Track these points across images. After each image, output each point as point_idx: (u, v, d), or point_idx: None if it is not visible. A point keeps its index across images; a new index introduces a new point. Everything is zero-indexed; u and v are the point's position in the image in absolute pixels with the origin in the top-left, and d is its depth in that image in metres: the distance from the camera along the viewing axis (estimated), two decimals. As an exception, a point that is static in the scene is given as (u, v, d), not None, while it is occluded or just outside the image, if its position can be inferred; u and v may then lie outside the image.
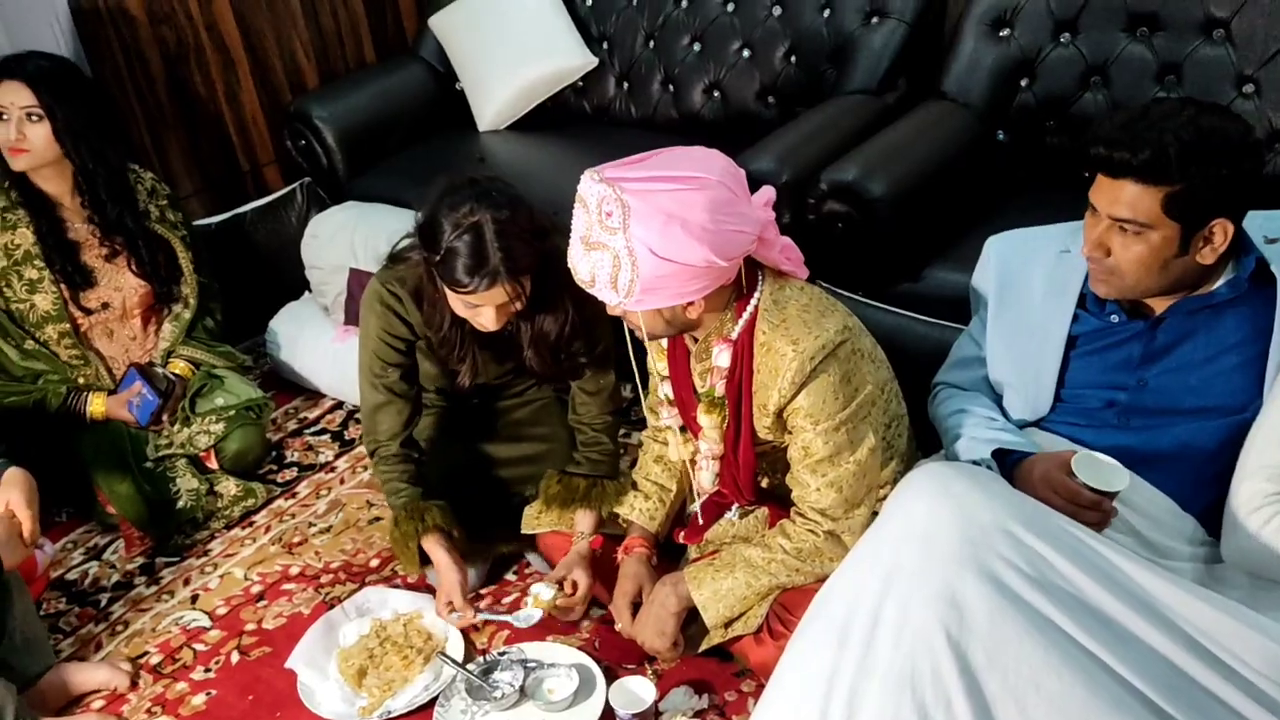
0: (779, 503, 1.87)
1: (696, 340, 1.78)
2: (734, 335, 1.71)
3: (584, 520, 2.07)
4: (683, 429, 1.90)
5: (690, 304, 1.64)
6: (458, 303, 1.87)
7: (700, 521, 1.95)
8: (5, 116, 2.33)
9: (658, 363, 1.89)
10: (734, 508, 1.92)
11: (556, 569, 2.04)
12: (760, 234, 1.64)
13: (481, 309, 1.85)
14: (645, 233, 1.52)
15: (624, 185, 1.54)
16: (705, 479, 1.87)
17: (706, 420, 1.77)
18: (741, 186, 1.62)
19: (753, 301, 1.70)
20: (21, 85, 2.33)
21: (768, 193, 1.71)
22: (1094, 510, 1.54)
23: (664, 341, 1.84)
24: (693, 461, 1.88)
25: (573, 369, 2.08)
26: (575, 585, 2.01)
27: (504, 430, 2.29)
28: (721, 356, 1.72)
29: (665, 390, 1.88)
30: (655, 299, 1.60)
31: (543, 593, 1.98)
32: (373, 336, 2.05)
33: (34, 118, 2.34)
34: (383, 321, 2.03)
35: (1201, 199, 1.51)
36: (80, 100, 2.40)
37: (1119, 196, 1.55)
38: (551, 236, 1.88)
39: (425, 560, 2.10)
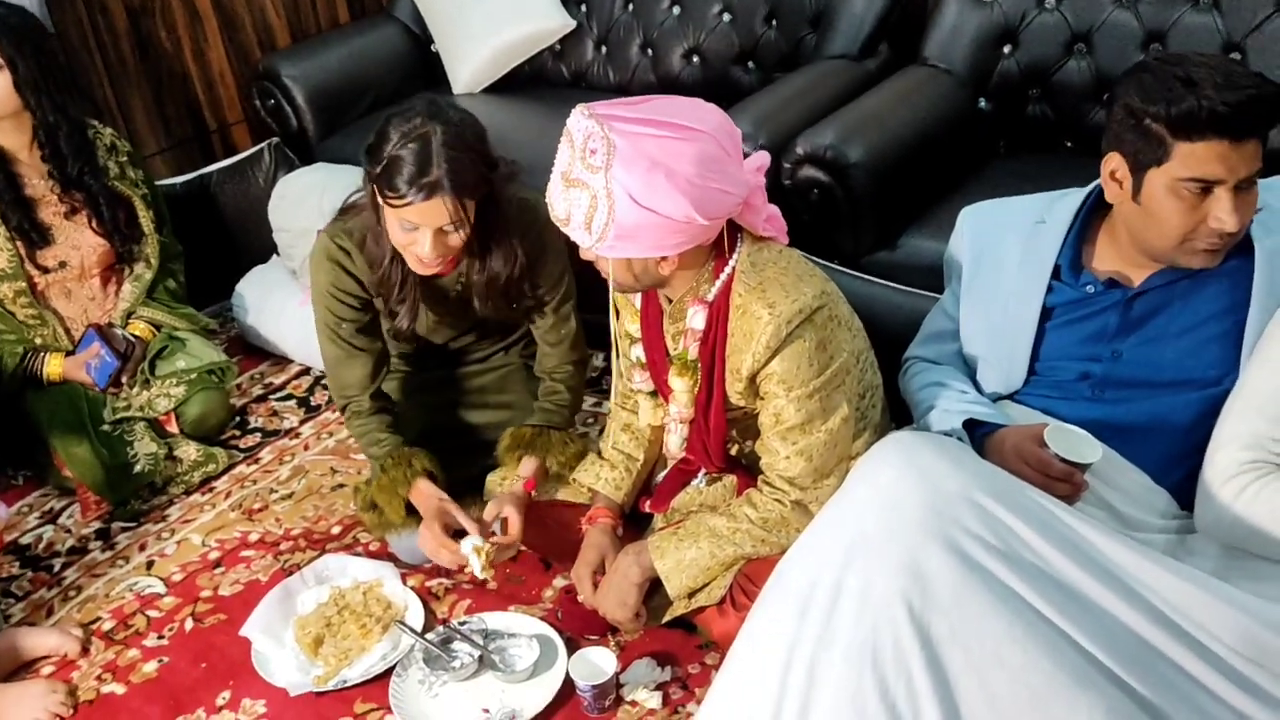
0: (747, 472, 1.83)
1: (670, 301, 1.73)
2: (710, 297, 1.66)
3: (525, 465, 2.03)
4: (653, 393, 1.86)
5: (664, 259, 1.60)
6: (395, 227, 1.81)
7: (666, 490, 1.91)
8: None
9: (629, 324, 1.84)
10: (701, 475, 1.88)
11: (488, 507, 1.98)
12: (748, 199, 1.60)
13: (419, 233, 1.78)
14: (627, 176, 1.47)
15: (613, 124, 1.49)
16: (673, 442, 1.82)
17: (678, 383, 1.73)
18: (735, 146, 1.57)
19: (730, 263, 1.65)
20: None
21: (761, 158, 1.67)
22: (1065, 482, 1.51)
23: (636, 302, 1.80)
24: (662, 426, 1.84)
25: (528, 309, 2.04)
26: (506, 524, 1.95)
27: (468, 398, 2.24)
28: (696, 318, 1.67)
29: (637, 353, 1.84)
30: (629, 248, 1.55)
31: (475, 542, 1.90)
32: (324, 293, 2.00)
33: None
34: (331, 278, 1.98)
35: None
36: (41, 51, 2.34)
37: (1244, 154, 1.47)
38: (500, 169, 1.84)
39: (410, 512, 2.03)
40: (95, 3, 2.95)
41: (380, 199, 1.79)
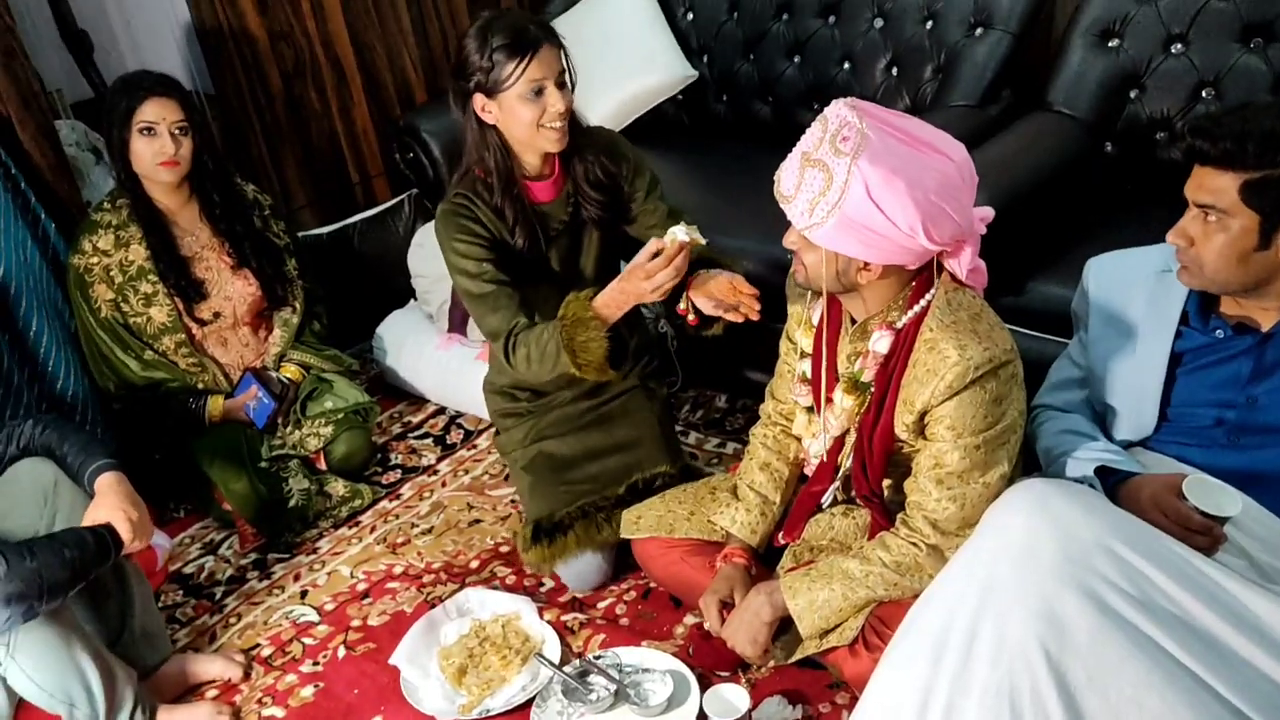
0: (883, 509, 1.84)
1: (854, 321, 1.78)
2: (899, 324, 1.70)
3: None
4: (810, 409, 1.89)
5: (866, 267, 1.64)
6: (520, 108, 1.98)
7: (798, 514, 1.94)
8: (156, 131, 2.45)
9: (802, 338, 1.88)
10: (829, 494, 1.90)
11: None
12: (966, 240, 1.65)
13: (546, 92, 1.97)
14: (871, 169, 1.52)
15: (872, 121, 1.55)
16: (815, 448, 1.88)
17: (844, 399, 1.77)
18: (972, 184, 1.62)
19: (927, 296, 1.68)
20: (173, 101, 2.46)
21: (986, 211, 1.71)
22: (1204, 535, 1.51)
23: (815, 317, 1.84)
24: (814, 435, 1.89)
25: (629, 195, 2.19)
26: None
27: (595, 423, 2.32)
28: (881, 342, 1.71)
29: (804, 367, 1.88)
30: (841, 241, 1.59)
31: (675, 228, 1.91)
32: (453, 249, 2.09)
33: (183, 132, 2.48)
34: (455, 228, 2.09)
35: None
36: (204, 116, 2.53)
37: (1202, 183, 1.55)
38: None
39: (615, 361, 2.01)
40: (253, 68, 3.16)
41: (496, 95, 1.98)
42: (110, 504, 1.93)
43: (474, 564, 2.42)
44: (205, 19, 3.05)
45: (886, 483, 1.84)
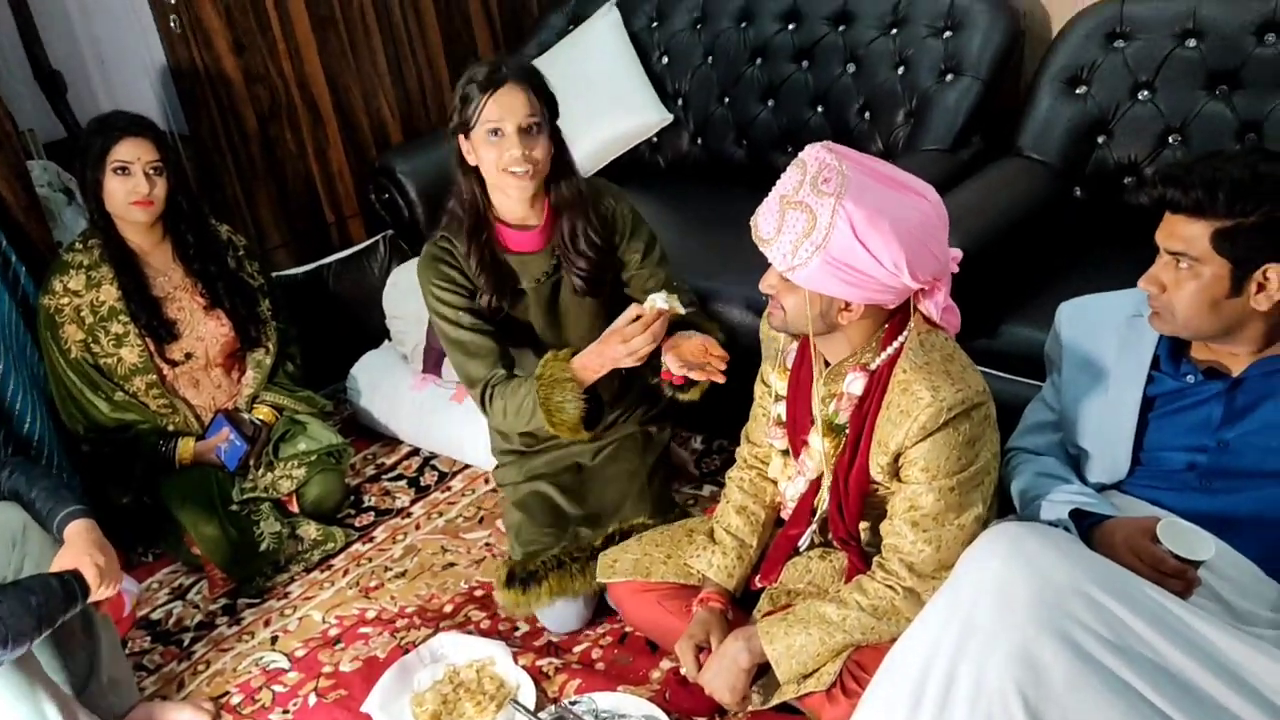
0: (860, 553, 1.83)
1: (828, 364, 1.79)
2: (873, 366, 1.71)
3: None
4: (786, 451, 1.90)
5: (847, 308, 1.65)
6: (486, 150, 2.00)
7: (775, 557, 1.94)
8: (130, 171, 2.44)
9: (776, 381, 1.89)
10: (806, 537, 1.90)
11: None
12: (941, 281, 1.67)
13: (505, 138, 1.98)
14: (856, 209, 1.53)
15: (850, 163, 1.57)
16: (790, 492, 1.88)
17: (820, 442, 1.77)
18: (946, 223, 1.65)
19: (900, 338, 1.70)
20: (147, 141, 2.46)
21: (957, 252, 1.73)
22: (1178, 579, 1.52)
23: (788, 361, 1.85)
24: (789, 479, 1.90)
25: (617, 252, 2.20)
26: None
27: (588, 470, 2.32)
28: (855, 384, 1.72)
29: (778, 410, 1.89)
30: (824, 281, 1.60)
31: (655, 296, 1.98)
32: (432, 293, 2.14)
33: (157, 171, 2.47)
34: (435, 273, 2.13)
35: (1251, 238, 1.52)
36: (178, 155, 2.53)
37: (1174, 230, 1.58)
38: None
39: (590, 422, 2.09)
40: (229, 109, 3.16)
41: (468, 134, 2.01)
42: (78, 550, 1.90)
43: (448, 608, 2.40)
44: (180, 60, 3.05)
45: (864, 525, 1.84)
